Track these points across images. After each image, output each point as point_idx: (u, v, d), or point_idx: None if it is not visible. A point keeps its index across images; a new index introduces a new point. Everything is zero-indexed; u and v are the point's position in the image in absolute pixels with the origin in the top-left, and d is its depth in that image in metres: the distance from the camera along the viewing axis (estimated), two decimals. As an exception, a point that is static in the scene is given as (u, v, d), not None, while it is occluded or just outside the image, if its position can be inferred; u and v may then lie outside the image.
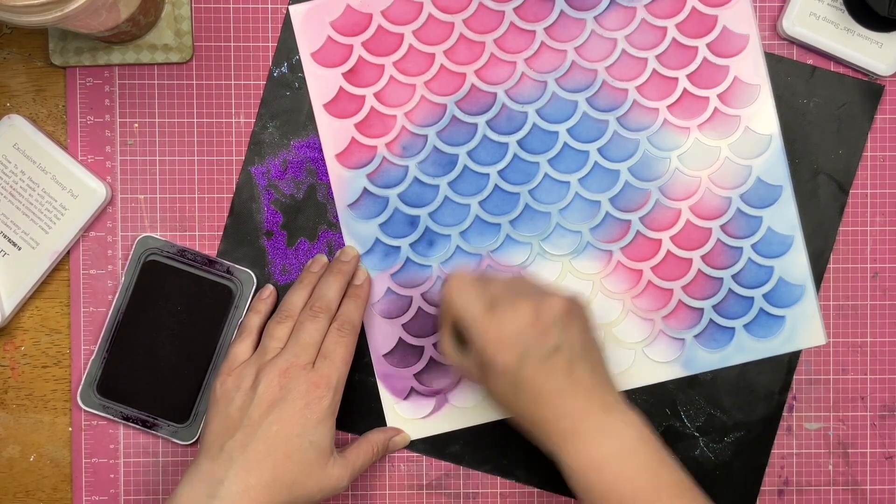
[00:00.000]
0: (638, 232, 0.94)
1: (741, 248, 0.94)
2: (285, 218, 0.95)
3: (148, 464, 0.95)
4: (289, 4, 0.94)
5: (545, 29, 0.94)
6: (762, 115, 0.94)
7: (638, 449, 0.82)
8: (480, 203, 0.94)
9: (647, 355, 0.95)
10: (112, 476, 0.95)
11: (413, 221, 0.94)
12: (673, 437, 0.96)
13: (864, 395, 0.96)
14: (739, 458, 0.96)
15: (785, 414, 0.96)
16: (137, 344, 0.93)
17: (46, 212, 0.92)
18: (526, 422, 0.84)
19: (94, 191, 0.92)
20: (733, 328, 0.95)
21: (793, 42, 0.95)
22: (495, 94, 0.94)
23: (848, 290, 0.96)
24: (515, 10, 0.94)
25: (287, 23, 0.94)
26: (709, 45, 0.94)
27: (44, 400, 0.95)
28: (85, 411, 0.94)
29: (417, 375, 0.95)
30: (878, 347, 0.96)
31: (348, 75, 0.94)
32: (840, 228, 0.95)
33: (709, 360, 0.95)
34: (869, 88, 0.95)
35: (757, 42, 0.94)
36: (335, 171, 0.94)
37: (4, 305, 0.93)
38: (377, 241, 0.94)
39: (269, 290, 0.93)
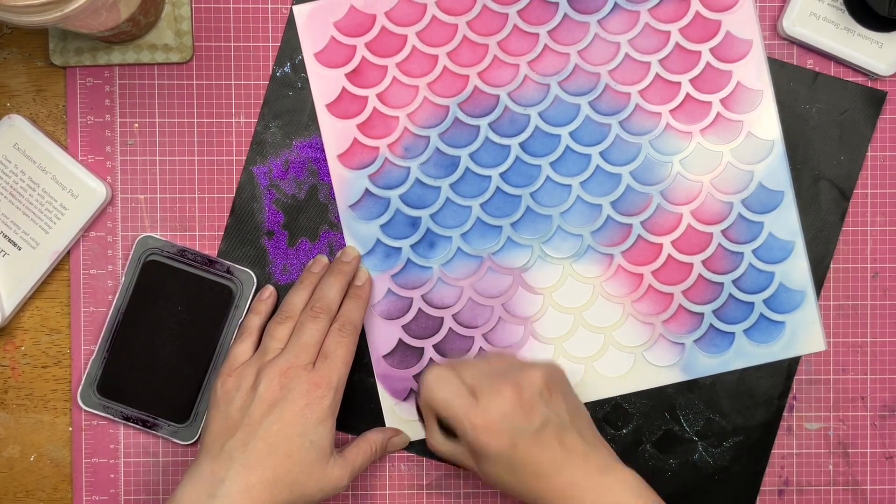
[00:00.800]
0: (639, 236, 0.94)
1: (742, 254, 0.94)
2: (287, 218, 0.95)
3: (148, 464, 0.95)
4: (292, 4, 0.94)
5: (548, 32, 0.94)
6: (764, 121, 0.94)
7: None
8: (482, 205, 0.94)
9: (646, 359, 0.95)
10: (112, 476, 0.95)
11: (414, 223, 0.94)
12: (672, 442, 0.96)
13: (864, 395, 0.96)
14: (738, 463, 0.96)
15: (785, 414, 0.96)
16: (138, 344, 0.93)
17: (46, 212, 0.92)
18: (528, 499, 0.85)
19: (94, 191, 0.92)
20: (733, 333, 0.95)
21: (793, 42, 0.95)
22: (498, 97, 0.94)
23: (848, 290, 0.96)
24: (519, 12, 0.94)
25: (290, 22, 0.94)
26: (712, 50, 0.94)
27: (44, 400, 0.95)
28: (85, 411, 0.94)
29: (417, 377, 0.95)
30: (878, 347, 0.96)
31: (351, 76, 0.94)
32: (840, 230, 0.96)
33: (708, 364, 0.95)
34: (871, 95, 0.95)
35: (760, 47, 0.94)
36: (337, 171, 0.94)
37: (4, 305, 0.93)
38: (378, 241, 0.94)
39: (270, 290, 0.93)
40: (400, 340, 0.95)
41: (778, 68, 0.95)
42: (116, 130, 0.94)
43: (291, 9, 0.94)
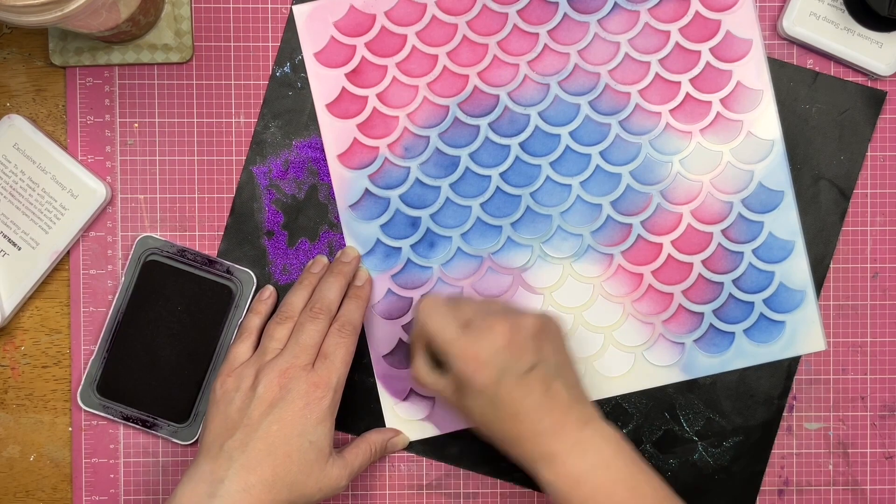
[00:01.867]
0: (639, 236, 0.94)
1: (742, 253, 0.94)
2: (286, 218, 0.95)
3: (148, 464, 0.95)
4: (292, 4, 0.94)
5: (548, 32, 0.94)
6: (764, 121, 0.94)
7: (615, 461, 0.83)
8: (482, 205, 0.94)
9: (646, 359, 0.95)
10: (112, 476, 0.95)
11: (414, 223, 0.94)
12: (671, 441, 0.96)
13: (864, 395, 0.96)
14: (738, 463, 0.96)
15: (785, 414, 0.96)
16: (137, 344, 0.93)
17: (46, 212, 0.92)
18: (504, 439, 0.85)
19: (94, 191, 0.92)
20: (733, 333, 0.95)
21: (793, 42, 0.95)
22: (498, 97, 0.94)
23: (848, 290, 0.96)
24: (519, 12, 0.94)
25: (290, 22, 0.94)
26: (712, 50, 0.94)
27: (44, 400, 0.95)
28: (85, 411, 0.94)
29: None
30: (878, 347, 0.96)
31: (351, 76, 0.94)
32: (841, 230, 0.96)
33: (708, 364, 0.95)
34: (871, 95, 0.95)
35: (760, 47, 0.94)
36: (337, 171, 0.94)
37: (4, 305, 0.93)
38: (378, 241, 0.94)
39: (269, 290, 0.93)
40: (400, 340, 0.95)
41: (778, 68, 0.95)
42: (116, 130, 0.94)
43: (291, 8, 0.94)
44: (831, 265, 0.96)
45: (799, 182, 0.95)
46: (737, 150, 0.94)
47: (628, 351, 0.95)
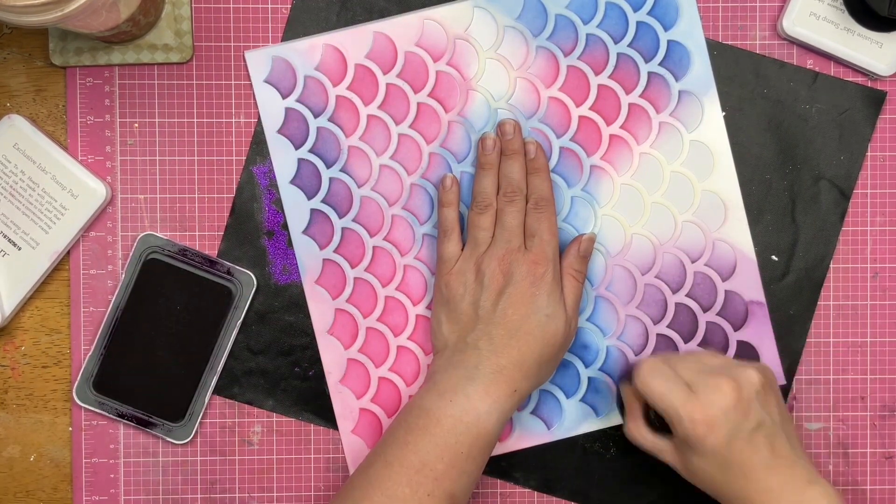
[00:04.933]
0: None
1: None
2: (286, 218, 0.95)
3: (148, 464, 0.95)
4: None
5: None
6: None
7: None
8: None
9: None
10: (112, 476, 0.95)
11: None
12: (673, 440, 0.96)
13: (864, 395, 0.96)
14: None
15: (784, 414, 0.96)
16: (135, 342, 0.93)
17: (46, 212, 0.92)
18: (729, 498, 0.86)
19: (94, 191, 0.92)
20: None
21: (793, 42, 0.95)
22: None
23: (848, 290, 0.96)
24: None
25: (290, 23, 0.94)
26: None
27: (44, 400, 0.95)
28: (82, 408, 0.94)
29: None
30: (878, 347, 0.96)
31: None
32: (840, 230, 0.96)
33: None
34: (871, 95, 0.95)
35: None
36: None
37: (4, 305, 0.93)
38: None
39: (451, 178, 0.93)
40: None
41: (778, 68, 0.95)
42: (116, 130, 0.94)
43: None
44: (831, 265, 0.96)
45: (799, 182, 0.95)
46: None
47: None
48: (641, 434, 0.90)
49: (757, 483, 0.84)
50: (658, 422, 0.89)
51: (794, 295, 0.96)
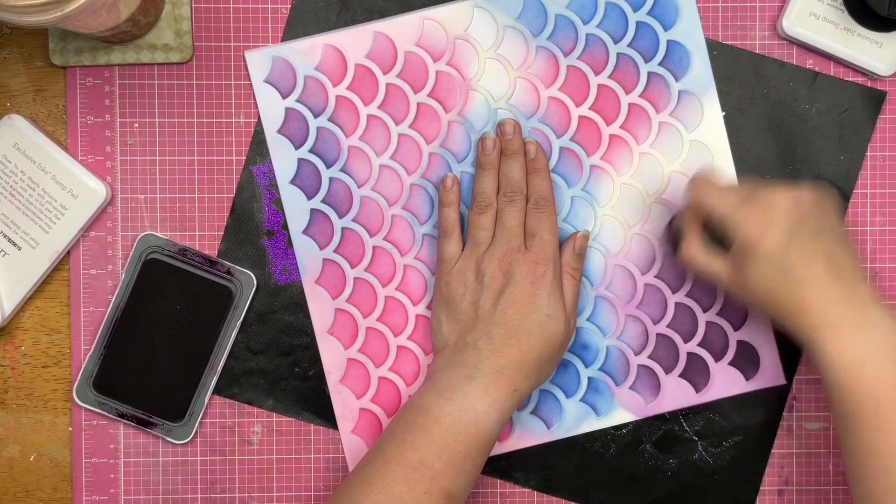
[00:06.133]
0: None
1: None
2: (286, 218, 0.95)
3: (148, 463, 0.95)
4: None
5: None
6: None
7: None
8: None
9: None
10: (112, 476, 0.95)
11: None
12: (671, 441, 0.96)
13: (864, 396, 0.96)
14: (738, 463, 0.96)
15: (785, 414, 0.96)
16: (135, 341, 0.93)
17: (46, 212, 0.92)
18: (788, 310, 0.83)
19: (94, 191, 0.92)
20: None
21: (793, 42, 0.95)
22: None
23: (848, 290, 0.96)
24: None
25: (290, 23, 0.94)
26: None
27: (44, 400, 0.95)
28: (82, 408, 0.94)
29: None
30: (877, 348, 0.96)
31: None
32: (840, 230, 0.96)
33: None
34: (871, 95, 0.95)
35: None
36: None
37: (4, 305, 0.93)
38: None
39: (452, 178, 0.93)
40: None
41: (778, 68, 0.95)
42: (116, 130, 0.94)
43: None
44: (831, 265, 0.96)
45: (799, 182, 0.95)
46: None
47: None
48: (696, 254, 0.88)
49: (816, 293, 0.82)
50: (714, 244, 0.88)
51: (794, 295, 0.96)
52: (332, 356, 0.95)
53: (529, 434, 0.95)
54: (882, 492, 0.79)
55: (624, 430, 0.96)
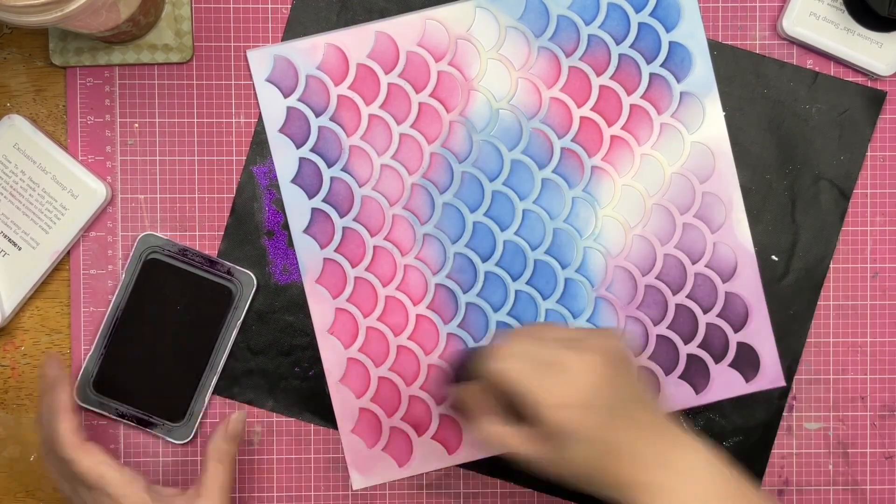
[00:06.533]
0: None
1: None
2: (286, 218, 0.95)
3: (148, 464, 0.95)
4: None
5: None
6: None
7: (720, 484, 0.78)
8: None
9: None
10: (112, 476, 0.95)
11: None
12: (673, 441, 0.96)
13: (864, 395, 0.96)
14: (738, 463, 0.95)
15: (785, 414, 0.96)
16: (135, 342, 0.93)
17: (46, 212, 0.92)
18: (607, 483, 0.78)
19: (94, 191, 0.92)
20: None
21: (793, 42, 0.95)
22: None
23: (848, 290, 0.96)
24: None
25: (290, 23, 0.94)
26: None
27: (44, 400, 0.95)
28: (82, 408, 0.94)
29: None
30: (878, 347, 0.96)
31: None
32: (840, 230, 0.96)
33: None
34: (871, 95, 0.95)
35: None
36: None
37: (4, 305, 0.93)
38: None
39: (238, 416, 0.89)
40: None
41: (778, 68, 0.95)
42: (116, 130, 0.94)
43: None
44: (831, 265, 0.96)
45: (799, 182, 0.95)
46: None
47: None
48: (501, 432, 0.80)
49: (630, 463, 0.77)
50: (508, 417, 0.80)
51: (794, 295, 0.96)
52: (333, 356, 0.95)
53: None
54: None
55: (624, 431, 0.96)
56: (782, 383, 0.95)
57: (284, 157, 0.94)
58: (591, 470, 0.77)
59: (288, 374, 0.95)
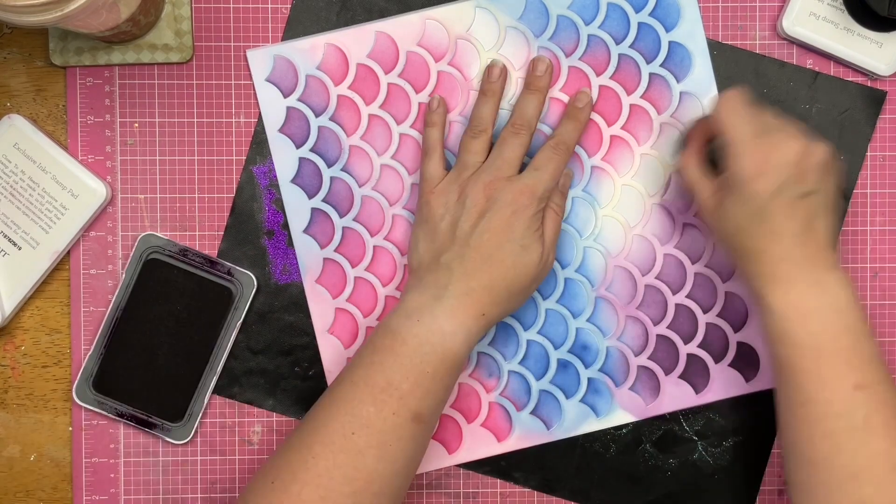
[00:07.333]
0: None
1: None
2: (286, 218, 0.95)
3: (148, 463, 0.95)
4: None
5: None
6: None
7: (849, 311, 0.83)
8: None
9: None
10: (112, 476, 0.95)
11: None
12: (671, 441, 0.96)
13: (863, 396, 0.96)
14: (738, 463, 0.96)
15: (784, 414, 0.96)
16: (135, 341, 0.93)
17: (47, 212, 0.92)
18: (748, 252, 0.85)
19: (94, 191, 0.92)
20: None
21: (793, 42, 0.95)
22: None
23: (847, 290, 0.96)
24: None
25: (290, 22, 0.94)
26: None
27: (44, 400, 0.95)
28: (82, 408, 0.94)
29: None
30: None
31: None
32: (841, 229, 0.96)
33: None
34: (871, 95, 0.95)
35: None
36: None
37: (4, 305, 0.93)
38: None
39: (438, 100, 0.93)
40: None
41: (778, 68, 0.95)
42: (116, 130, 0.94)
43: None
44: (831, 265, 0.96)
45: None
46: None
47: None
48: (691, 165, 0.89)
49: (780, 247, 0.83)
50: (712, 164, 0.89)
51: (794, 295, 0.96)
52: (332, 356, 0.95)
53: (529, 434, 0.95)
54: (820, 437, 0.81)
55: (624, 430, 0.96)
56: None
57: (284, 157, 0.94)
58: (740, 231, 0.84)
59: (288, 374, 0.95)
